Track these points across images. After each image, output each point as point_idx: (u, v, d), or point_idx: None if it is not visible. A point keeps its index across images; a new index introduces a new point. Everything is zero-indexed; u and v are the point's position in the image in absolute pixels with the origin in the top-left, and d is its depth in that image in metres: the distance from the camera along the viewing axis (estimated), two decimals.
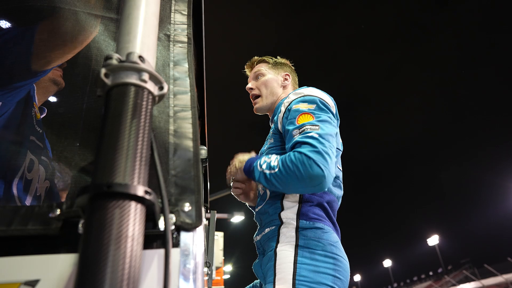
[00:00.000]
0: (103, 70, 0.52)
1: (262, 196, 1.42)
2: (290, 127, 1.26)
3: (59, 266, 0.51)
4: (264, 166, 1.23)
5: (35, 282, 0.49)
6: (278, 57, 1.76)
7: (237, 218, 11.17)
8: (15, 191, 0.88)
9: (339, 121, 1.42)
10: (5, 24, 0.92)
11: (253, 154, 1.40)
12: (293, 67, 1.77)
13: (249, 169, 1.30)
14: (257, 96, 1.63)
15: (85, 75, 0.71)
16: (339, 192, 1.40)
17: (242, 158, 1.38)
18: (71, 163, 0.62)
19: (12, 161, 0.81)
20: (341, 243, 1.27)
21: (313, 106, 1.29)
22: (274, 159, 1.22)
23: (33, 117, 0.92)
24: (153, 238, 0.54)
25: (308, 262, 1.12)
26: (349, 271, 1.21)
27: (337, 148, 1.37)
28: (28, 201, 0.88)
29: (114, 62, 0.53)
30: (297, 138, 1.20)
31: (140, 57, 0.54)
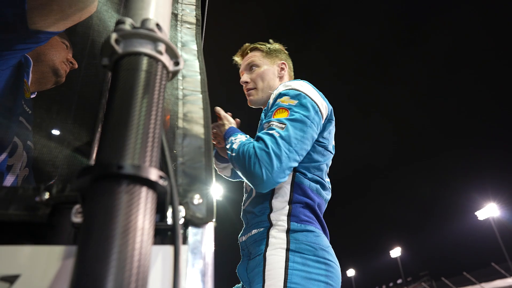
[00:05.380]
0: (114, 35, 0.45)
1: (249, 193, 1.35)
2: (264, 121, 1.23)
3: (44, 259, 0.43)
4: (228, 146, 1.24)
5: (14, 277, 0.41)
6: (271, 40, 1.63)
7: None
8: None
9: (333, 121, 1.35)
10: None
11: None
12: (287, 52, 1.65)
13: (225, 139, 1.31)
14: (252, 89, 1.53)
15: (83, 45, 0.63)
16: (328, 196, 1.35)
17: (223, 128, 1.37)
18: (64, 141, 0.54)
19: None
20: None
21: (294, 102, 1.21)
22: (237, 142, 1.20)
23: (23, 94, 0.80)
24: (157, 232, 0.47)
25: (300, 268, 1.06)
26: (341, 276, 1.16)
27: (327, 150, 1.32)
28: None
29: (128, 27, 0.46)
30: (260, 132, 1.17)
31: (158, 25, 0.47)
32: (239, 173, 1.18)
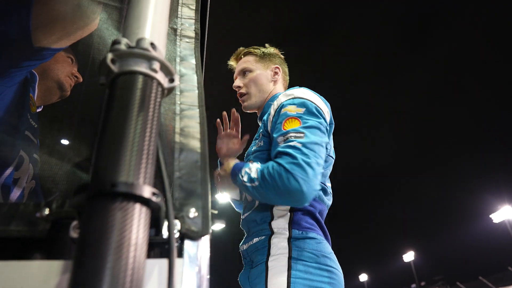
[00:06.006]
0: (110, 55, 0.46)
1: (249, 204, 1.34)
2: (276, 134, 1.19)
3: (43, 274, 0.44)
4: (245, 179, 1.15)
5: None
6: (267, 45, 1.64)
7: (218, 226, 11.00)
8: None
9: (333, 126, 1.35)
10: None
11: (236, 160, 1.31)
12: (282, 56, 1.65)
13: (235, 177, 1.21)
14: (245, 94, 1.53)
15: (85, 63, 0.65)
16: (330, 201, 1.35)
17: (227, 167, 1.28)
18: (64, 158, 0.56)
19: (1, 157, 0.73)
20: None
21: (302, 110, 1.20)
22: (254, 171, 1.14)
23: (28, 108, 0.84)
24: (152, 247, 0.48)
25: (303, 276, 1.06)
26: (344, 283, 1.16)
27: (329, 155, 1.32)
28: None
29: (123, 47, 0.47)
30: (280, 147, 1.13)
31: (152, 44, 0.49)
32: (267, 199, 1.12)
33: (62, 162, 0.55)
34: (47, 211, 0.47)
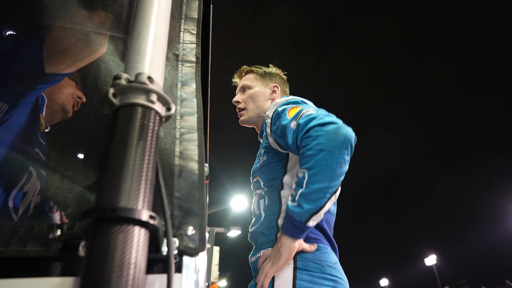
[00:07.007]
0: (111, 90, 0.52)
1: (257, 216, 1.38)
2: (284, 122, 1.21)
3: None
4: (297, 193, 1.07)
5: None
6: (270, 65, 1.71)
7: (234, 233, 11.04)
8: (11, 204, 0.87)
9: None
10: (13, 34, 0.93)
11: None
12: (284, 77, 1.72)
13: (290, 223, 1.10)
14: (243, 109, 1.61)
15: (93, 94, 0.71)
16: (334, 208, 1.38)
17: (281, 239, 1.13)
18: (74, 182, 0.61)
19: (14, 172, 0.81)
20: (340, 261, 1.24)
21: (298, 105, 1.29)
22: (297, 178, 1.10)
23: (38, 128, 0.93)
24: (155, 263, 0.52)
25: (307, 286, 1.08)
26: None
27: None
28: (19, 215, 0.87)
29: (123, 82, 0.52)
30: (299, 120, 1.15)
31: (149, 77, 0.53)
32: (329, 162, 1.03)
33: (73, 185, 0.60)
34: (59, 232, 0.52)
